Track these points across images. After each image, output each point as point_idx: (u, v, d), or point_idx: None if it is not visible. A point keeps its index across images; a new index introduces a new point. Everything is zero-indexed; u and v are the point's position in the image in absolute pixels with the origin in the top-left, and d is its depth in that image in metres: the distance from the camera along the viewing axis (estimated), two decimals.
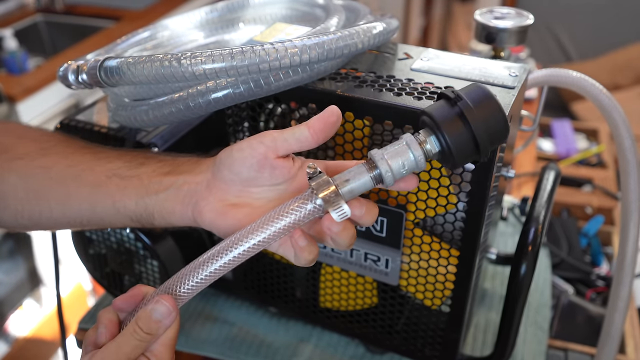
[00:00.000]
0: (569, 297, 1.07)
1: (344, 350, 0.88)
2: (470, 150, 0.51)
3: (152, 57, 0.57)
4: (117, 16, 2.63)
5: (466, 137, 0.51)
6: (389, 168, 0.51)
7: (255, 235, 0.51)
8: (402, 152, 0.52)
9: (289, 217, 0.51)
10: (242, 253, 0.52)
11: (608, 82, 2.74)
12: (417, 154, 0.52)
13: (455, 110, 0.51)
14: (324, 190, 0.51)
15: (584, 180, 1.46)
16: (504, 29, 0.84)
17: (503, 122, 0.51)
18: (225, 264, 0.52)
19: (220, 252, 0.52)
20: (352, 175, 0.52)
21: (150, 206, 0.58)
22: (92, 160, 0.61)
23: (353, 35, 0.61)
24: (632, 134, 0.78)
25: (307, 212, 0.51)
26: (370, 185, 0.52)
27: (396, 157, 0.52)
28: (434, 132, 0.52)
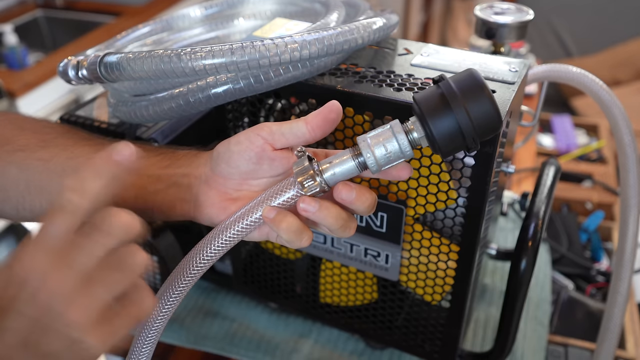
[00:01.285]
0: (569, 292, 1.07)
1: (344, 345, 0.88)
2: (455, 137, 0.49)
3: (152, 53, 0.57)
4: (117, 11, 2.62)
5: (449, 124, 0.49)
6: (372, 153, 0.51)
7: (239, 221, 0.53)
8: (386, 137, 0.51)
9: (272, 201, 0.53)
10: (228, 238, 0.53)
11: (608, 77, 2.74)
12: (401, 139, 0.51)
13: (439, 95, 0.49)
14: (302, 174, 0.52)
15: (584, 176, 1.46)
16: (504, 24, 0.84)
17: (491, 108, 0.49)
18: (216, 248, 0.53)
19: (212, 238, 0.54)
20: (336, 159, 0.52)
21: (149, 201, 0.58)
22: (91, 153, 0.61)
23: (353, 30, 0.61)
24: (631, 129, 0.78)
25: (292, 197, 0.52)
26: (355, 170, 0.52)
27: (379, 143, 0.51)
28: (419, 117, 0.51)
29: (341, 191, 0.52)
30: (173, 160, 0.59)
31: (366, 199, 0.53)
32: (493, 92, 0.62)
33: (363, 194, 0.53)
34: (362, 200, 0.53)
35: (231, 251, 0.86)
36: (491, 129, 0.50)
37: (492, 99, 0.49)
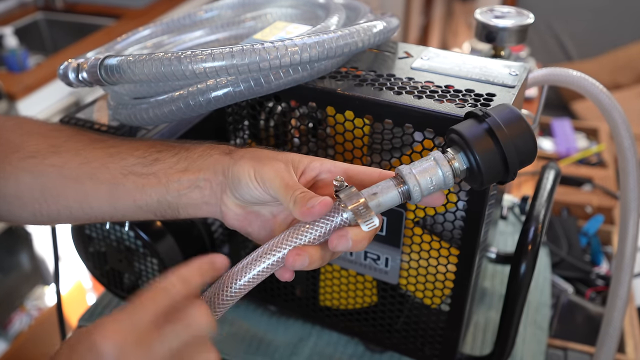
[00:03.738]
0: (569, 296, 1.07)
1: (343, 349, 0.88)
2: (499, 169, 0.51)
3: (153, 56, 0.57)
4: (118, 14, 2.63)
5: (496, 155, 0.51)
6: (417, 183, 0.51)
7: (279, 250, 0.51)
8: (430, 168, 0.52)
9: (316, 230, 0.51)
10: (265, 269, 0.52)
11: (608, 81, 2.74)
12: (446, 170, 0.52)
13: (484, 127, 0.51)
14: (354, 202, 0.50)
15: (584, 180, 1.46)
16: (505, 28, 0.84)
17: (532, 142, 0.51)
18: (251, 278, 0.52)
19: (244, 267, 0.52)
20: (379, 189, 0.52)
21: (173, 204, 0.58)
22: (104, 157, 0.60)
23: (353, 34, 0.61)
24: (631, 133, 0.78)
25: (334, 225, 0.51)
26: (398, 200, 0.52)
27: (424, 174, 0.51)
28: (463, 149, 0.52)
29: (337, 246, 0.50)
30: (190, 162, 0.58)
31: (363, 244, 0.52)
32: (493, 96, 0.62)
33: (360, 242, 0.52)
34: (358, 247, 0.52)
35: (231, 254, 0.86)
36: (529, 160, 0.52)
37: (533, 133, 0.51)
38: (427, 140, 0.62)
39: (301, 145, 0.72)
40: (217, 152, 0.58)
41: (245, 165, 0.54)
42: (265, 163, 0.54)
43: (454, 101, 0.61)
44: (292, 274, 0.53)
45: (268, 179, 0.52)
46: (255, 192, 0.54)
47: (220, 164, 0.57)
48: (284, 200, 0.51)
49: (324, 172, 0.56)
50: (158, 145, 0.61)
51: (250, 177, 0.53)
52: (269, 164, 0.53)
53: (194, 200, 0.58)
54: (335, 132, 0.67)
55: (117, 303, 0.95)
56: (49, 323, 2.22)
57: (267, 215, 0.57)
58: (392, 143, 0.65)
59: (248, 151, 0.57)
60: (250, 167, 0.54)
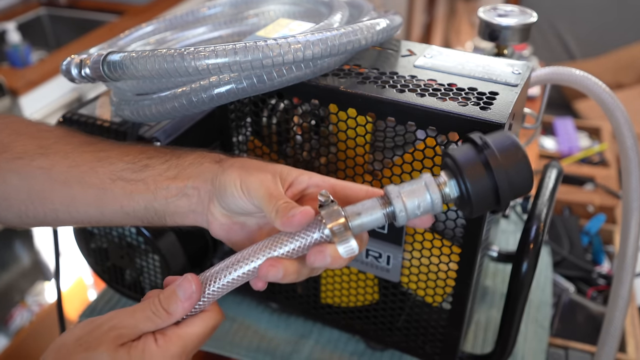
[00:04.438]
0: (570, 295, 1.07)
1: (344, 346, 0.88)
2: (490, 200, 0.49)
3: (155, 52, 0.57)
4: (121, 10, 2.63)
5: (487, 186, 0.49)
6: (404, 207, 0.50)
7: (254, 259, 0.51)
8: (419, 192, 0.50)
9: (293, 243, 0.50)
10: (238, 277, 0.51)
11: (611, 80, 2.74)
12: (435, 196, 0.50)
13: (480, 157, 0.49)
14: (333, 221, 0.49)
15: (586, 179, 1.46)
16: (508, 26, 0.84)
17: (528, 176, 0.49)
18: (223, 285, 0.51)
19: (217, 273, 0.52)
20: (364, 209, 0.51)
21: (160, 211, 0.58)
22: (93, 161, 0.60)
23: (356, 31, 0.61)
24: (634, 132, 0.78)
25: (313, 240, 0.50)
26: (382, 222, 0.51)
27: (412, 197, 0.50)
28: (455, 176, 0.50)
29: (314, 262, 0.50)
30: (180, 169, 0.58)
31: (342, 262, 0.51)
32: (496, 95, 0.62)
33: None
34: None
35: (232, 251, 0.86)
36: (524, 191, 0.50)
37: (529, 164, 0.50)
38: (429, 138, 0.62)
39: (303, 143, 0.72)
40: (208, 161, 0.58)
41: (233, 174, 0.54)
42: (252, 173, 0.53)
43: (457, 99, 0.61)
44: (264, 284, 0.53)
45: (253, 188, 0.52)
46: (240, 201, 0.53)
47: (210, 172, 0.56)
48: (267, 210, 0.51)
49: (311, 186, 0.55)
50: (149, 151, 0.61)
51: (236, 186, 0.53)
52: (256, 174, 0.53)
53: (181, 208, 0.57)
54: (337, 129, 0.67)
55: (118, 299, 0.95)
56: (50, 319, 2.22)
57: (253, 227, 0.57)
58: (395, 141, 0.65)
59: (237, 160, 0.56)
60: (237, 176, 0.53)
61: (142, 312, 0.49)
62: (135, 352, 0.48)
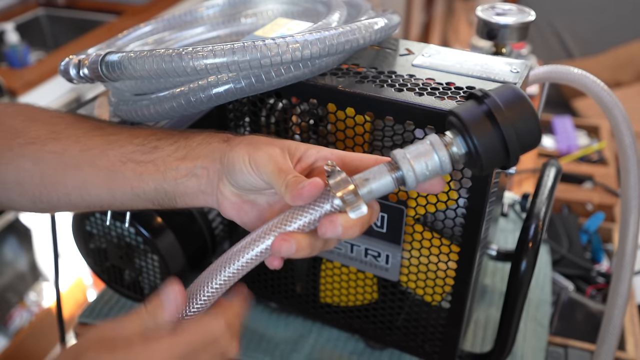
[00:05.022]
0: (569, 293, 1.07)
1: (343, 345, 0.88)
2: (499, 153, 0.48)
3: (154, 52, 0.57)
4: (119, 10, 2.62)
5: (495, 138, 0.48)
6: (412, 169, 0.49)
7: (268, 237, 0.50)
8: (426, 152, 0.49)
9: (304, 217, 0.50)
10: (254, 257, 0.51)
11: (609, 79, 2.74)
12: (442, 155, 0.49)
13: (483, 108, 0.49)
14: (342, 189, 0.49)
15: (585, 177, 1.46)
16: (506, 25, 0.84)
17: (535, 125, 0.48)
18: (238, 268, 0.51)
19: (232, 257, 0.51)
20: (372, 175, 0.50)
21: (170, 192, 0.58)
22: (104, 144, 0.60)
23: (354, 30, 0.61)
24: (632, 131, 0.78)
25: (324, 212, 0.49)
26: (392, 186, 0.50)
27: (419, 158, 0.49)
28: (461, 132, 0.49)
29: (325, 232, 0.49)
30: (188, 150, 0.58)
31: (377, 213, 0.52)
32: None
33: (375, 210, 0.52)
34: (375, 216, 0.52)
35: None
36: (532, 145, 0.49)
37: (536, 115, 0.49)
38: None
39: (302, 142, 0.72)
40: (216, 140, 0.58)
41: (241, 150, 0.54)
42: (260, 148, 0.53)
43: (455, 98, 0.61)
44: (280, 261, 0.52)
45: (262, 164, 0.52)
46: (249, 177, 0.53)
47: (218, 151, 0.56)
48: (276, 185, 0.51)
49: (320, 160, 0.55)
50: (158, 133, 0.61)
51: (244, 162, 0.53)
52: (264, 149, 0.53)
53: (191, 188, 0.57)
54: (336, 128, 0.67)
55: (118, 299, 0.95)
56: (49, 319, 2.22)
57: (263, 205, 0.57)
58: (393, 140, 0.65)
59: (245, 138, 0.56)
60: (245, 152, 0.53)
61: (128, 318, 0.49)
62: (121, 352, 0.47)
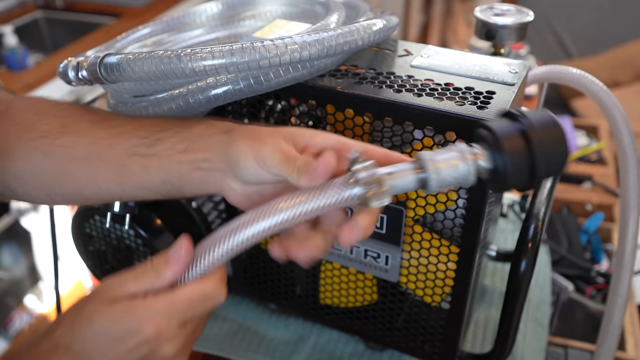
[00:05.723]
0: (569, 293, 1.07)
1: (343, 346, 0.88)
2: (524, 175, 0.48)
3: (152, 54, 0.57)
4: (117, 13, 2.62)
5: (525, 159, 0.47)
6: (437, 173, 0.48)
7: (279, 213, 0.49)
8: (453, 160, 0.48)
9: (322, 200, 0.48)
10: (262, 231, 0.49)
11: (608, 79, 2.74)
12: (470, 167, 0.48)
13: (518, 127, 0.48)
14: (369, 177, 0.47)
15: (584, 177, 1.46)
16: (504, 25, 0.84)
17: (564, 153, 0.48)
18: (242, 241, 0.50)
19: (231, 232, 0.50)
20: (396, 170, 0.48)
21: (177, 184, 0.58)
22: (110, 137, 0.60)
23: (353, 32, 0.61)
24: (631, 131, 0.78)
25: (343, 198, 0.48)
26: (414, 186, 0.48)
27: (446, 165, 0.48)
28: (491, 147, 0.48)
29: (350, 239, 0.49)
30: (190, 142, 0.58)
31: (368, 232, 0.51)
32: (493, 94, 0.62)
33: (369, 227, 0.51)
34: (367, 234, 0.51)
35: None
36: (557, 171, 0.49)
37: (567, 144, 0.48)
38: (427, 138, 0.62)
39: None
40: (217, 132, 0.57)
41: (243, 146, 0.53)
42: (263, 141, 0.52)
43: (454, 99, 0.61)
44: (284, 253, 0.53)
45: (268, 158, 0.52)
46: (255, 173, 0.53)
47: (219, 144, 0.56)
48: (288, 173, 0.50)
49: (327, 148, 0.53)
50: (160, 124, 0.61)
51: (249, 159, 0.52)
52: (268, 142, 0.52)
53: (196, 180, 0.57)
54: (335, 130, 0.67)
55: None
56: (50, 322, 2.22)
57: (271, 193, 0.56)
58: (392, 141, 0.65)
59: (246, 130, 0.55)
60: (249, 148, 0.53)
61: (132, 272, 0.50)
62: (119, 308, 0.47)
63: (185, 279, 0.51)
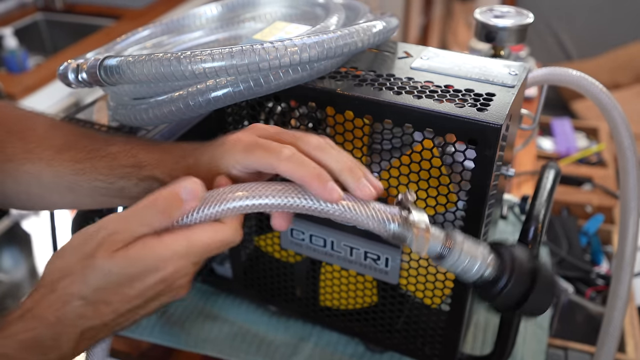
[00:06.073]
0: (569, 295, 1.07)
1: (343, 349, 0.88)
2: (513, 303, 0.53)
3: (152, 56, 0.57)
4: (117, 15, 2.62)
5: (519, 294, 0.53)
6: (456, 260, 0.53)
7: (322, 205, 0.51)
8: (475, 255, 0.53)
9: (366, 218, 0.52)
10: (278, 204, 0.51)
11: (608, 80, 2.74)
12: (482, 268, 0.53)
13: (532, 265, 0.54)
14: (421, 228, 0.52)
15: (584, 179, 1.46)
16: (504, 27, 0.84)
17: (548, 305, 0.54)
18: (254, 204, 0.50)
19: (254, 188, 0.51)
20: (434, 232, 0.53)
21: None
22: (73, 174, 0.61)
23: (353, 34, 0.61)
24: (631, 132, 0.78)
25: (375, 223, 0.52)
26: (434, 253, 0.53)
27: (468, 255, 0.53)
28: (503, 268, 0.53)
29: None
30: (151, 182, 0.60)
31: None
32: (493, 96, 0.62)
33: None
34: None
35: (231, 254, 0.86)
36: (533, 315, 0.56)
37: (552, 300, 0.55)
38: (426, 140, 0.62)
39: None
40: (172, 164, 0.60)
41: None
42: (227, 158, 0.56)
43: (454, 101, 0.61)
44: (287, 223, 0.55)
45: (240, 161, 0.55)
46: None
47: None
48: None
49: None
50: (123, 167, 0.60)
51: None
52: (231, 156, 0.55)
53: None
54: (335, 132, 0.67)
55: None
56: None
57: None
58: (392, 143, 0.65)
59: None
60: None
61: (137, 214, 0.48)
62: (134, 250, 0.47)
63: (197, 219, 0.50)
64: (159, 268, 0.48)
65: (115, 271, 0.47)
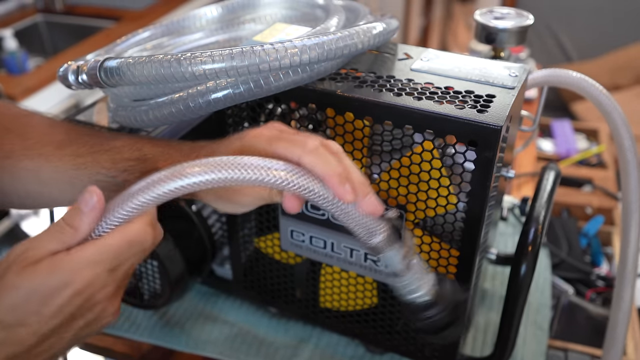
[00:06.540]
0: (569, 297, 1.07)
1: (343, 350, 0.88)
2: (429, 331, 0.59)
3: (152, 58, 0.57)
4: (117, 16, 2.63)
5: (444, 325, 0.58)
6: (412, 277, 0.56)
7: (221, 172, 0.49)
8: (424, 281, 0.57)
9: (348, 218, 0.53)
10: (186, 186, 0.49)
11: (608, 82, 2.74)
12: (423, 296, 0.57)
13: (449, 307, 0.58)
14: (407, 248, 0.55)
15: (584, 181, 1.46)
16: (504, 29, 0.84)
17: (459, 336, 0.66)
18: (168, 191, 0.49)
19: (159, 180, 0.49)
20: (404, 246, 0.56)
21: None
22: (73, 169, 0.61)
23: (353, 35, 0.61)
24: (631, 134, 0.78)
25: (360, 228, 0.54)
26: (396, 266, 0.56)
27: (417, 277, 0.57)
28: (440, 297, 0.57)
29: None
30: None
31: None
32: (493, 97, 0.62)
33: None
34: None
35: (231, 255, 0.86)
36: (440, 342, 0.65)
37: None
38: (427, 141, 0.62)
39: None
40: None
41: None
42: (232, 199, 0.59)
43: (454, 102, 0.61)
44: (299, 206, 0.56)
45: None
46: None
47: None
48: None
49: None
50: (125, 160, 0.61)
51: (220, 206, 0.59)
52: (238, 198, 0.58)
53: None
54: (335, 133, 0.67)
55: None
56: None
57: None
58: (392, 144, 0.65)
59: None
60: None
61: (47, 232, 0.48)
62: (42, 265, 0.46)
63: (107, 228, 0.49)
64: (70, 280, 0.46)
65: (24, 285, 0.45)
